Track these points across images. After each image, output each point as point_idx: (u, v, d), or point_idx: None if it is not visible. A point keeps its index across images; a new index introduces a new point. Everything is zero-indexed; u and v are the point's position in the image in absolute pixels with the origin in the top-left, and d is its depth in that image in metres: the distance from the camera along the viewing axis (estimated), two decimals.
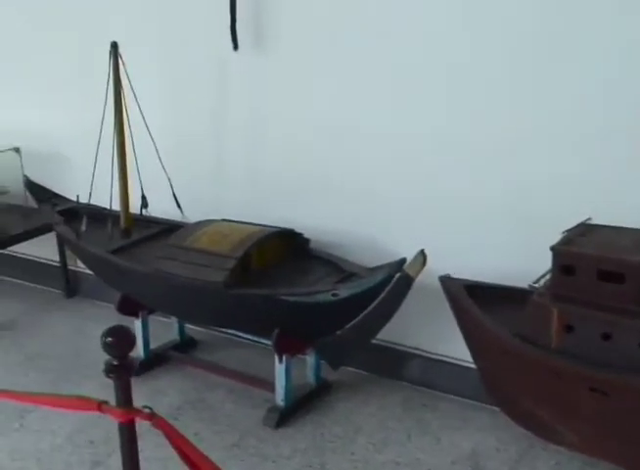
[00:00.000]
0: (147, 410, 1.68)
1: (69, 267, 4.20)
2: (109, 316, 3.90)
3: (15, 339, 3.79)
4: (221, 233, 3.09)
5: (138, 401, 2.55)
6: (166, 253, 3.08)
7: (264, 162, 3.43)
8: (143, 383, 3.33)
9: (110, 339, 1.64)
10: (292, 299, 2.78)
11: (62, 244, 4.09)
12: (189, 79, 3.48)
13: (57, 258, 4.20)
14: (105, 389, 3.24)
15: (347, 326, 2.79)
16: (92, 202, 3.53)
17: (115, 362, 1.65)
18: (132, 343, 1.69)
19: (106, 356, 3.45)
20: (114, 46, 3.19)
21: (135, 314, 3.34)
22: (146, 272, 3.06)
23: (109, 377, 1.69)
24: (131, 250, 3.33)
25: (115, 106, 3.25)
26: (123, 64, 3.20)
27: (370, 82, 3.06)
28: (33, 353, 3.64)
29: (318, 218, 3.29)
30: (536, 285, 2.40)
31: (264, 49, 3.24)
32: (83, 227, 3.36)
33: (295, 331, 2.91)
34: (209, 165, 3.56)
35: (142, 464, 1.97)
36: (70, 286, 4.22)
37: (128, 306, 3.30)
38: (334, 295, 2.76)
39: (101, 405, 1.68)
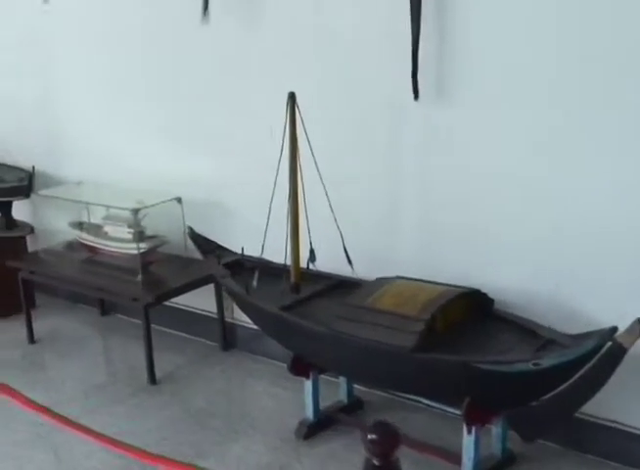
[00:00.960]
0: None
1: (226, 319, 4.12)
2: (268, 372, 3.84)
3: (176, 393, 3.71)
4: (403, 293, 2.93)
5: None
6: (346, 313, 2.93)
7: (439, 216, 3.25)
8: (313, 447, 3.19)
9: (374, 436, 1.46)
10: (488, 367, 2.57)
11: (220, 296, 4.02)
12: (364, 129, 3.35)
13: (212, 309, 4.13)
14: (273, 452, 3.18)
15: (547, 397, 2.58)
16: (255, 254, 3.45)
17: (377, 462, 1.47)
18: (398, 442, 1.51)
19: (272, 416, 3.39)
20: (292, 96, 3.09)
21: (306, 374, 3.20)
22: (325, 332, 2.92)
23: None
24: (302, 307, 3.20)
25: (291, 157, 3.15)
26: (300, 114, 3.11)
27: (555, 137, 2.87)
28: (197, 410, 3.55)
29: (498, 276, 3.08)
30: None
31: (445, 100, 3.09)
32: (254, 282, 3.25)
33: (487, 400, 2.70)
34: (381, 219, 3.41)
35: None
36: (227, 339, 4.13)
37: (300, 366, 3.16)
38: (535, 364, 2.53)
39: None
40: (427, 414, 3.35)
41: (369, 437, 1.49)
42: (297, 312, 3.13)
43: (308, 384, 3.21)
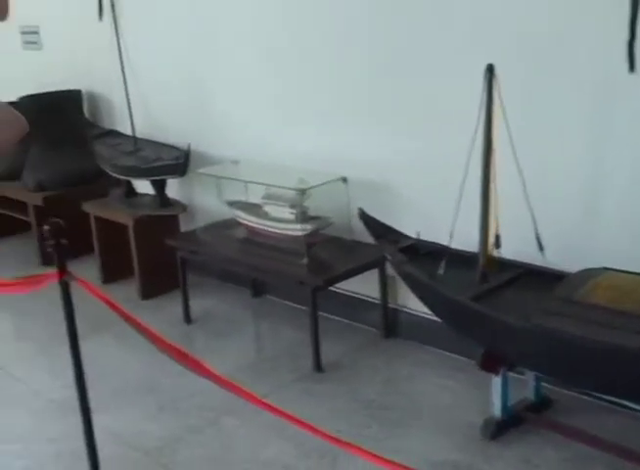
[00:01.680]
0: None
1: (389, 305, 3.92)
2: (437, 363, 3.63)
3: (343, 382, 3.54)
4: (619, 287, 2.65)
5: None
6: (552, 306, 2.67)
7: None
8: (503, 448, 2.96)
9: None
10: None
11: (384, 281, 3.82)
12: (565, 103, 3.05)
13: (371, 293, 3.93)
14: (457, 450, 2.97)
15: None
16: (424, 237, 3.30)
17: None
18: None
19: (450, 411, 3.18)
20: (490, 69, 2.84)
21: (495, 370, 2.96)
22: (530, 327, 2.66)
23: None
24: (493, 297, 2.96)
25: (486, 136, 2.89)
26: (498, 88, 2.85)
27: None
28: (367, 401, 3.37)
29: None
30: None
31: None
32: (441, 270, 3.03)
33: None
34: (580, 203, 3.12)
35: None
36: (389, 326, 3.93)
37: (490, 362, 2.93)
38: None
39: None
40: (622, 416, 3.07)
41: None
42: (488, 303, 2.90)
43: (497, 380, 2.98)
